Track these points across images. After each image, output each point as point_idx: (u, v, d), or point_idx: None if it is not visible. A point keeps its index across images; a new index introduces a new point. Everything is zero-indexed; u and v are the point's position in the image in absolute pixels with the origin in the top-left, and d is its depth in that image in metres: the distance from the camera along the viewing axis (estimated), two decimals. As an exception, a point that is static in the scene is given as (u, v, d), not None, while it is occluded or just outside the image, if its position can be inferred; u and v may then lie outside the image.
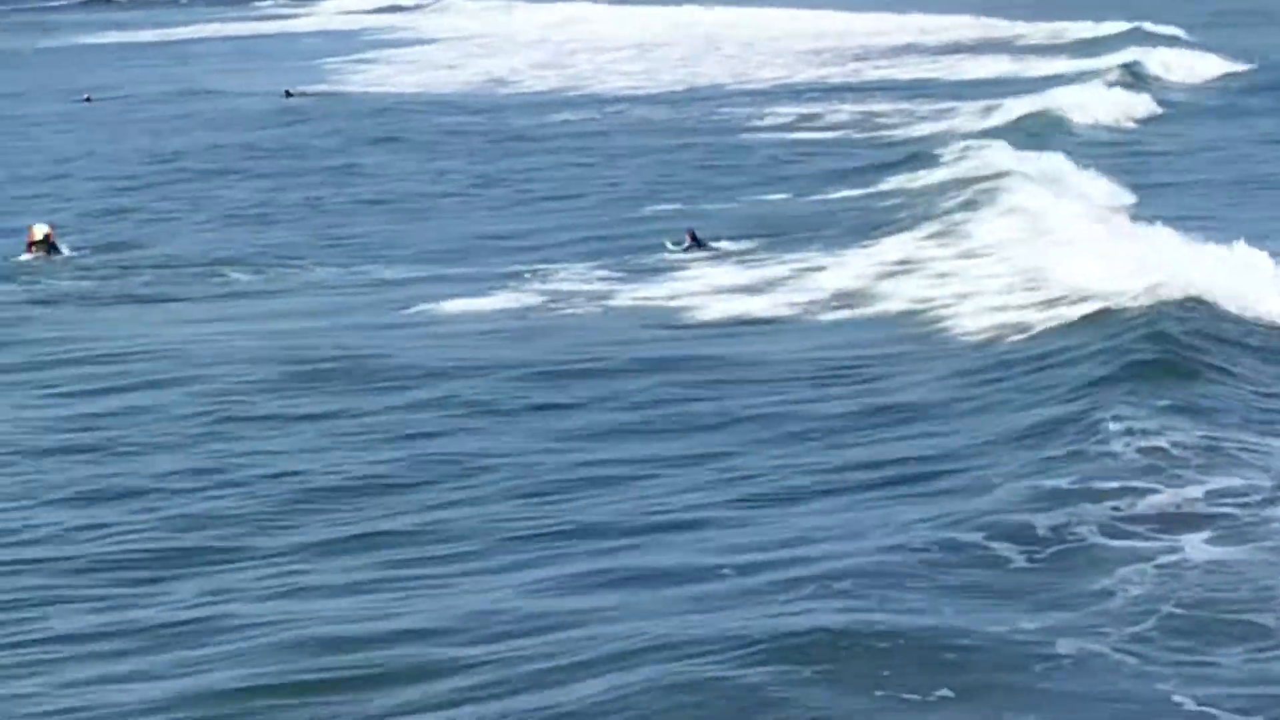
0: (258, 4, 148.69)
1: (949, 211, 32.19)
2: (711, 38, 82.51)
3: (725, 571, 14.33)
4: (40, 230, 33.05)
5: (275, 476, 18.09)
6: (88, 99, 67.70)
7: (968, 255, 28.43)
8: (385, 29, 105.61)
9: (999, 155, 36.97)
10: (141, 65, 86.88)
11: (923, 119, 48.45)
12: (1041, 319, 23.03)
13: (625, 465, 18.12)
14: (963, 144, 39.99)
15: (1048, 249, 26.98)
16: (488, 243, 33.08)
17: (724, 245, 30.69)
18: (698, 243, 30.49)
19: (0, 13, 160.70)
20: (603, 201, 37.54)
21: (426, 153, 46.85)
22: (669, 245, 30.68)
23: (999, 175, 34.44)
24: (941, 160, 38.47)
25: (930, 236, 30.44)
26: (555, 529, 16.03)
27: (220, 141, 50.86)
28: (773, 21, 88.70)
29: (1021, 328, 22.83)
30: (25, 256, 32.66)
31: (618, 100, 57.88)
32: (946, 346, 22.71)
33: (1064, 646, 12.16)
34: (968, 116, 47.48)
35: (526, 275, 29.21)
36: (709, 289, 27.40)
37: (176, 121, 57.53)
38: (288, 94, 62.75)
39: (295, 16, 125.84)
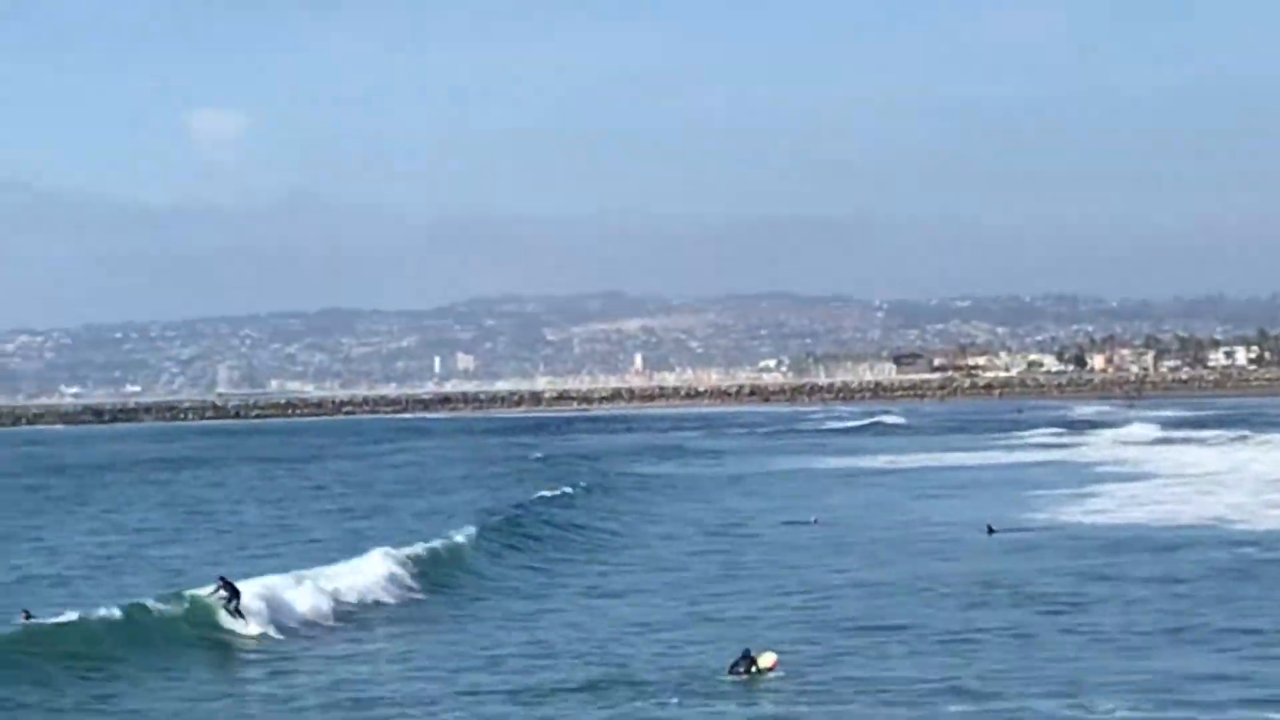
0: (1031, 433, 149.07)
1: None
2: None
3: None
4: (768, 659, 33.41)
5: None
6: (815, 520, 69.16)
7: None
8: (1115, 462, 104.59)
9: None
10: (872, 489, 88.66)
11: None
12: None
13: None
14: None
15: None
16: (1207, 684, 31.39)
17: None
18: None
19: (774, 433, 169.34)
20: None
21: (1146, 589, 45.33)
22: None
23: None
24: None
25: None
26: None
27: (920, 571, 50.73)
28: None
29: None
30: (732, 677, 32.98)
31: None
32: None
33: None
34: None
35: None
36: None
37: (886, 549, 58.02)
38: (990, 530, 62.41)
39: (1073, 446, 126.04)
